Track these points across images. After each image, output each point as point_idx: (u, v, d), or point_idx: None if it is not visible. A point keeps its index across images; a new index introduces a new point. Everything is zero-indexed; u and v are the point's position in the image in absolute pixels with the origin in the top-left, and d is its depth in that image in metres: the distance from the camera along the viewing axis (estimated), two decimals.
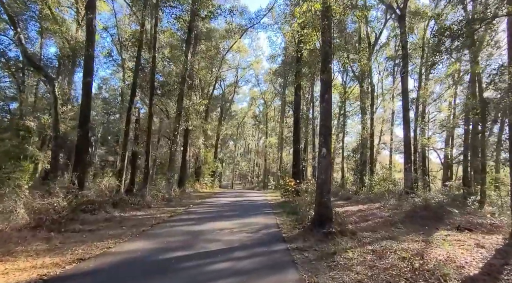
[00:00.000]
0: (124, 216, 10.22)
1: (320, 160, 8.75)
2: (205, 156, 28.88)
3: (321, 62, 9.06)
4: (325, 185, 8.60)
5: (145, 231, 7.85)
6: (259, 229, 8.76)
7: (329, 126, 8.92)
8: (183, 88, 15.50)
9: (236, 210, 13.21)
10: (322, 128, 8.90)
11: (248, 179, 62.06)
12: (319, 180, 8.70)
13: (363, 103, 28.63)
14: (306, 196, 10.30)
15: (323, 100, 8.92)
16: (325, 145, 8.71)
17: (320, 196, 8.56)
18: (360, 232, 8.55)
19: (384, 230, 9.21)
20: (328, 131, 8.88)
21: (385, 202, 16.03)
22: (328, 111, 8.95)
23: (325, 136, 8.77)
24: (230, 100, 44.23)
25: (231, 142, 56.81)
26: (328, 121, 8.90)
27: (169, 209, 12.55)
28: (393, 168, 32.38)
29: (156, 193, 14.47)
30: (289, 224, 9.69)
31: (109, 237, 7.04)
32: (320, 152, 8.78)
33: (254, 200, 18.39)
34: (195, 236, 7.49)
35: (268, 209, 13.76)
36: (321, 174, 8.65)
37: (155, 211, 11.84)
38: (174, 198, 15.58)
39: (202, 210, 12.62)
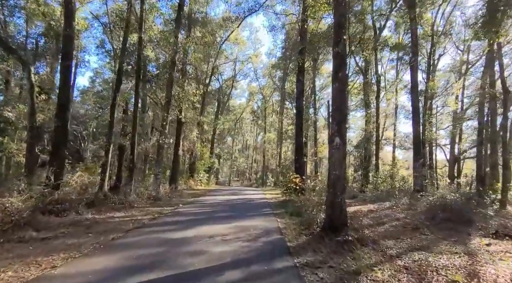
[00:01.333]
0: (98, 219, 8.61)
1: (333, 152, 7.16)
2: (200, 151, 27.26)
3: (334, 32, 7.44)
4: (339, 183, 7.01)
5: (114, 240, 6.25)
6: (258, 236, 7.18)
7: (343, 111, 7.31)
8: (172, 73, 13.85)
9: (231, 210, 11.64)
10: (335, 114, 7.30)
11: (246, 175, 60.60)
12: (331, 176, 7.11)
13: (367, 96, 27.15)
14: (314, 195, 8.74)
15: (336, 79, 7.31)
16: (338, 134, 7.11)
17: (332, 196, 6.97)
18: (381, 240, 6.98)
19: (408, 236, 7.66)
20: (343, 117, 7.28)
21: (395, 201, 14.60)
22: (343, 93, 7.34)
23: (338, 123, 7.17)
24: (227, 94, 42.59)
25: (229, 138, 55.22)
26: (342, 105, 7.29)
27: (154, 209, 10.96)
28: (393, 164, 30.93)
29: (143, 190, 12.86)
30: (294, 229, 8.12)
31: (63, 249, 5.44)
32: (332, 142, 7.18)
33: (252, 199, 16.82)
34: (176, 246, 5.90)
35: (267, 209, 12.19)
36: (334, 169, 7.06)
37: (137, 211, 10.24)
38: (163, 196, 13.99)
39: (192, 211, 11.03)
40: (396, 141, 34.51)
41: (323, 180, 10.41)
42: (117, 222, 8.29)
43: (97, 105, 36.53)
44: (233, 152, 56.15)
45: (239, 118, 50.21)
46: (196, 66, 20.94)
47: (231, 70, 42.55)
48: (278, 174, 37.45)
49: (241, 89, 53.34)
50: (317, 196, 8.91)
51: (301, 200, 10.12)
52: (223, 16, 28.55)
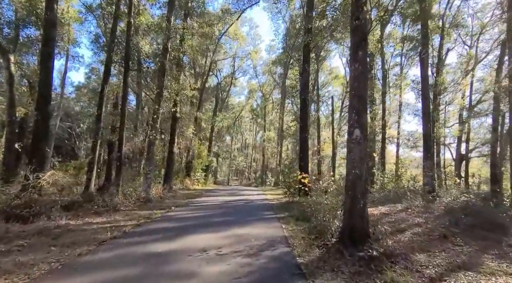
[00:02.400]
0: (72, 225, 7.34)
1: (352, 147, 5.90)
2: (197, 149, 25.95)
3: (352, 3, 6.17)
4: (360, 184, 5.75)
5: (81, 257, 4.97)
6: (261, 248, 5.92)
7: (364, 97, 6.05)
8: (164, 61, 12.56)
9: (229, 214, 10.36)
10: (354, 101, 6.03)
11: (245, 174, 59.38)
12: (350, 176, 5.85)
13: (372, 92, 25.96)
14: (326, 198, 7.47)
15: (356, 60, 6.05)
16: (358, 125, 5.85)
17: (352, 200, 5.71)
18: (411, 254, 5.73)
19: (440, 248, 6.41)
20: (363, 105, 6.01)
21: (408, 202, 13.43)
22: (364, 76, 6.08)
23: (358, 112, 5.91)
24: (227, 91, 41.33)
25: (228, 137, 53.96)
26: (363, 91, 6.03)
27: (142, 213, 9.68)
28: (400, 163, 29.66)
29: (131, 191, 11.59)
30: (303, 238, 6.86)
31: (8, 270, 4.16)
32: (351, 135, 5.92)
33: (252, 200, 15.55)
34: (158, 265, 4.64)
35: (269, 213, 10.93)
36: (354, 167, 5.80)
37: (122, 216, 8.97)
38: (155, 198, 12.72)
39: (184, 215, 9.75)
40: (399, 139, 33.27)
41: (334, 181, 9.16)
42: (94, 229, 7.01)
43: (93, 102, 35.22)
44: (232, 151, 54.90)
45: (238, 116, 48.92)
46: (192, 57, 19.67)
47: (230, 67, 41.36)
48: (278, 173, 36.16)
49: (240, 87, 52.17)
50: (329, 199, 7.61)
51: (309, 203, 8.85)
52: (222, 8, 27.28)
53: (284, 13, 33.60)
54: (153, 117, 12.67)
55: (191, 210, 10.81)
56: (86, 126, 37.15)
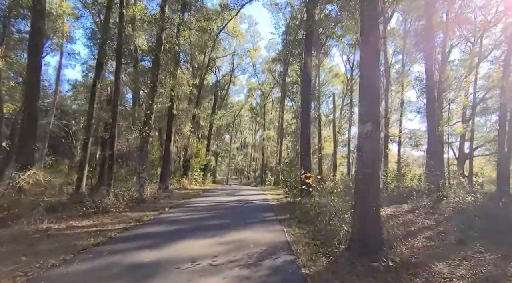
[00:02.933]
0: (53, 229, 6.69)
1: (363, 142, 5.25)
2: (195, 147, 25.26)
3: None
4: (373, 184, 5.11)
5: (53, 268, 4.32)
6: (261, 257, 5.27)
7: (375, 86, 5.40)
8: (158, 54, 11.90)
9: (226, 216, 9.70)
10: (364, 90, 5.38)
11: (244, 174, 58.72)
12: (360, 175, 5.21)
13: None
14: (332, 199, 6.80)
15: (367, 43, 5.40)
16: (370, 118, 5.21)
17: (363, 203, 5.07)
18: (429, 263, 5.08)
19: (459, 255, 5.77)
20: (375, 95, 5.37)
21: (414, 203, 12.85)
22: (375, 63, 5.43)
23: (370, 104, 5.26)
24: (226, 89, 40.66)
25: (227, 136, 53.29)
26: (374, 79, 5.38)
27: (133, 215, 9.03)
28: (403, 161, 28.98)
29: (123, 192, 10.93)
30: (307, 244, 6.22)
31: None
32: (362, 129, 5.27)
33: (252, 200, 14.90)
34: (142, 280, 3.99)
35: (270, 214, 10.28)
36: (365, 166, 5.15)
37: (110, 219, 8.31)
38: (149, 198, 12.06)
39: (178, 217, 9.09)
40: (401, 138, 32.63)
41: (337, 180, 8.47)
42: (76, 234, 6.36)
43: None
44: (231, 150, 54.24)
45: (238, 115, 48.25)
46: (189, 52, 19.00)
47: (229, 65, 40.71)
48: (278, 172, 35.52)
49: (239, 86, 51.47)
50: (336, 201, 6.95)
51: (312, 204, 8.19)
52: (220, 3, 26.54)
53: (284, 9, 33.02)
54: (147, 113, 11.99)
55: (186, 212, 10.16)
56: (83, 125, 36.45)
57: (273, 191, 21.96)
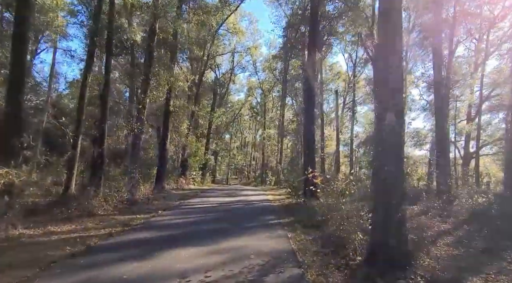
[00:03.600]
0: (28, 236, 5.90)
1: (383, 136, 4.45)
2: (194, 146, 24.42)
3: None
4: (396, 186, 4.30)
5: None
6: (263, 271, 4.47)
7: (398, 70, 4.59)
8: (151, 44, 11.10)
9: (225, 219, 8.90)
10: (382, 73, 4.57)
11: (244, 173, 57.94)
12: (381, 176, 4.40)
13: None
14: (343, 202, 5.97)
15: (387, 21, 4.59)
16: (392, 105, 4.40)
17: (386, 208, 4.27)
18: (464, 280, 4.28)
19: (494, 268, 4.98)
20: (398, 81, 4.55)
21: (424, 204, 12.11)
22: (398, 42, 4.61)
23: (391, 89, 4.45)
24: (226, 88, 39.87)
25: (227, 135, 52.54)
26: (395, 59, 4.56)
27: (122, 218, 8.23)
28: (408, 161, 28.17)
29: (113, 192, 10.14)
30: (315, 254, 5.42)
31: None
32: (383, 121, 4.46)
33: (252, 201, 14.10)
34: None
35: (272, 217, 9.49)
36: (386, 163, 4.35)
37: (95, 223, 7.51)
38: (142, 199, 11.27)
39: (171, 221, 8.28)
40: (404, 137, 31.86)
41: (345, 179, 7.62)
42: (52, 242, 5.57)
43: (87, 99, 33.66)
44: (231, 149, 53.44)
45: (238, 114, 47.47)
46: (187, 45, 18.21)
47: (229, 62, 39.93)
48: (278, 172, 34.73)
49: (239, 84, 50.62)
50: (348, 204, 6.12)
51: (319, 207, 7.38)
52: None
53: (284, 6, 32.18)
54: (139, 107, 11.20)
55: (180, 215, 9.35)
56: None
57: (274, 191, 21.16)
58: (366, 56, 32.34)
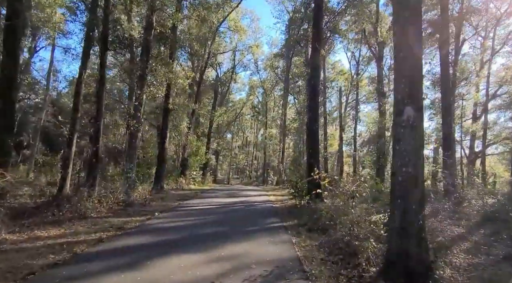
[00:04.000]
0: (11, 242, 5.44)
1: (401, 133, 3.97)
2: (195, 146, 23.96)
3: None
4: (415, 188, 3.82)
5: None
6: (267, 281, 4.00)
7: (418, 59, 4.10)
8: (148, 38, 10.63)
9: (224, 222, 8.43)
10: (402, 66, 4.09)
11: (246, 173, 57.51)
12: (399, 177, 3.92)
13: (381, 85, 24.13)
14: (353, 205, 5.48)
15: (406, 7, 4.10)
16: (410, 100, 3.92)
17: (404, 213, 3.79)
18: None
19: None
20: (418, 72, 4.07)
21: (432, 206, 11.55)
22: (417, 28, 4.13)
23: (410, 81, 3.97)
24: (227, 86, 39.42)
25: (229, 134, 52.14)
26: (415, 47, 4.07)
27: (116, 221, 7.77)
28: None
29: (108, 193, 9.69)
30: (322, 262, 4.96)
31: None
32: (400, 116, 3.98)
33: (254, 202, 13.64)
34: None
35: (274, 220, 9.02)
36: (405, 164, 3.87)
37: (87, 226, 7.05)
38: (138, 201, 10.80)
39: (168, 224, 7.81)
40: None
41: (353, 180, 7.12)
42: (35, 249, 5.11)
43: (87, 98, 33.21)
44: (232, 149, 53.02)
45: (239, 113, 47.02)
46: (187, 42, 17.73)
47: (231, 61, 39.47)
48: (280, 171, 34.27)
49: (241, 84, 50.17)
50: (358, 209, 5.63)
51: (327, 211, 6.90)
52: None
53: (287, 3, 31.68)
54: (135, 104, 10.73)
55: (178, 217, 8.89)
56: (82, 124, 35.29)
57: (276, 192, 20.68)
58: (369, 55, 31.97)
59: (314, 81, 10.89)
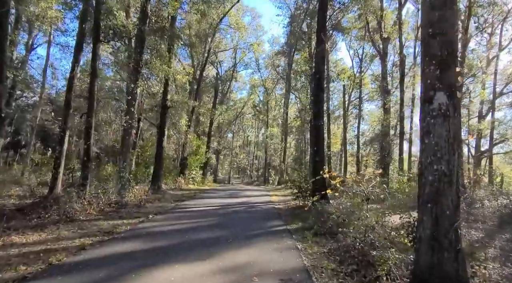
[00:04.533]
0: None
1: (430, 124, 3.33)
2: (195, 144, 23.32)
3: None
4: (449, 190, 3.19)
5: None
6: None
7: (451, 37, 3.46)
8: (142, 28, 9.99)
9: (223, 225, 7.79)
10: (432, 43, 3.45)
11: (247, 172, 56.92)
12: (429, 177, 3.29)
13: (386, 82, 23.45)
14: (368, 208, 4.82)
15: None
16: (442, 85, 3.28)
17: (436, 220, 3.15)
18: None
19: None
20: (450, 49, 3.43)
21: None
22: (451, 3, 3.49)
23: (442, 62, 3.34)
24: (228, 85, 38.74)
25: (230, 134, 51.55)
26: (448, 25, 3.43)
27: (106, 224, 7.14)
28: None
29: (99, 194, 9.07)
30: (334, 273, 4.33)
31: None
32: (430, 104, 3.35)
33: (255, 203, 13.00)
34: None
35: (277, 223, 8.39)
36: (436, 161, 3.24)
37: (73, 230, 6.42)
38: (132, 201, 10.18)
39: (163, 227, 7.16)
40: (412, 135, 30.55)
41: None
42: (7, 258, 4.49)
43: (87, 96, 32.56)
44: (233, 148, 52.42)
45: (240, 112, 46.40)
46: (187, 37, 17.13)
47: (232, 59, 38.85)
48: (282, 171, 33.63)
49: (242, 82, 49.50)
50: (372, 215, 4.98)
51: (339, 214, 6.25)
52: None
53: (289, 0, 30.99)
54: (128, 99, 10.09)
55: (174, 220, 8.25)
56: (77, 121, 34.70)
57: (278, 192, 20.05)
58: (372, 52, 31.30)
59: (320, 74, 10.23)
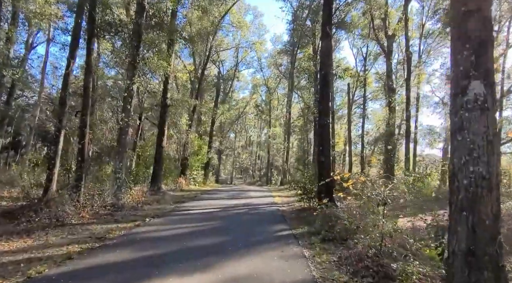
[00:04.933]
0: None
1: (465, 118, 2.84)
2: (196, 144, 22.88)
3: None
4: (488, 196, 2.69)
5: None
6: None
7: (487, 14, 2.97)
8: (140, 21, 9.53)
9: (224, 230, 7.31)
10: (466, 23, 2.96)
11: (249, 172, 56.49)
12: (464, 180, 2.79)
13: (391, 80, 22.91)
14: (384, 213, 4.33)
15: None
16: (477, 73, 2.79)
17: (469, 231, 2.66)
18: None
19: None
20: (485, 33, 2.94)
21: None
22: None
23: (476, 48, 2.85)
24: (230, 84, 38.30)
25: (232, 134, 51.13)
26: (485, 4, 2.94)
27: (98, 228, 6.69)
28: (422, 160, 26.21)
29: (92, 196, 8.62)
30: None
31: None
32: (464, 95, 2.85)
33: (258, 205, 12.52)
34: None
35: (282, 227, 7.90)
36: (472, 161, 2.74)
37: (62, 236, 5.98)
38: (129, 203, 9.72)
39: (159, 232, 6.69)
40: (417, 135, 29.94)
41: None
42: None
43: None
44: (236, 148, 51.99)
45: (242, 112, 45.95)
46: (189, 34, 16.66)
47: (233, 59, 38.43)
48: (285, 171, 33.14)
49: (244, 82, 49.05)
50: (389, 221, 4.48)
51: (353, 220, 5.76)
52: None
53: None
54: (124, 96, 9.63)
55: (172, 223, 7.78)
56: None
57: (281, 192, 19.57)
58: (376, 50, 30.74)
59: (325, 69, 9.72)
